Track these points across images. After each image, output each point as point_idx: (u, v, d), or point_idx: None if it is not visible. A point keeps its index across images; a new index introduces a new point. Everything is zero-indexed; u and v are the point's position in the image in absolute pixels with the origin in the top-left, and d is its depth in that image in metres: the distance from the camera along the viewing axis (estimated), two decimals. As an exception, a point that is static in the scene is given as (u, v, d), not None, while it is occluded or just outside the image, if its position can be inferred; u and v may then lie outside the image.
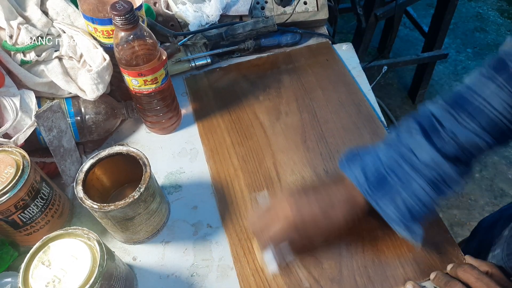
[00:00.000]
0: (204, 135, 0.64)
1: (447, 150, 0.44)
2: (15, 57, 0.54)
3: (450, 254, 0.50)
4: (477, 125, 0.44)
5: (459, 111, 0.44)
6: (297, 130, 0.64)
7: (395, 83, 1.98)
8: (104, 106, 0.60)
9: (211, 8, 0.73)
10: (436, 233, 0.52)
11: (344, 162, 0.48)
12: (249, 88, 0.71)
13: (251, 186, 0.57)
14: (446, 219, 1.46)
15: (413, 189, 0.44)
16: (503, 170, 1.62)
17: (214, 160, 0.61)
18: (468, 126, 0.44)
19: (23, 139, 0.52)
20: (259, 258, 0.50)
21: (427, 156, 0.44)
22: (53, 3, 0.57)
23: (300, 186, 0.55)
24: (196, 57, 0.73)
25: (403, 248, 0.50)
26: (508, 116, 0.43)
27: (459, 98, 0.45)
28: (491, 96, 0.43)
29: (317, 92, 0.69)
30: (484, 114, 0.43)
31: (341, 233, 0.50)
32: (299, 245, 0.48)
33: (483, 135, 0.44)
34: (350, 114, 0.65)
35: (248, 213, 0.55)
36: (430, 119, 0.45)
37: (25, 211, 0.46)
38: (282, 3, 0.78)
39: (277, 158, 0.60)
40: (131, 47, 0.51)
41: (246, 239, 0.52)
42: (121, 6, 0.47)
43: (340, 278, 0.48)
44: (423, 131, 0.45)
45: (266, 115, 0.66)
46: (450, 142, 0.44)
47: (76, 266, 0.38)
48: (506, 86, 0.43)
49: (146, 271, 0.51)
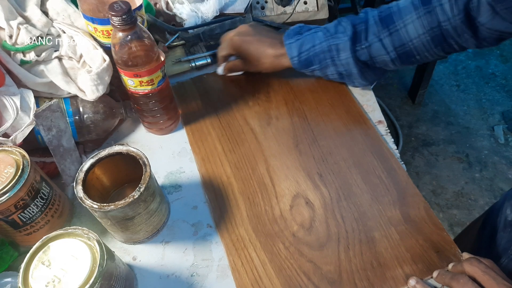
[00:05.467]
0: (195, 144, 0.63)
1: (360, 56, 0.61)
2: (15, 57, 0.54)
3: (447, 252, 0.50)
4: (390, 43, 0.58)
5: (383, 27, 0.58)
6: (288, 134, 0.63)
7: (395, 83, 1.98)
8: (102, 105, 0.60)
9: (208, 8, 0.73)
10: (432, 231, 0.52)
11: (290, 33, 0.64)
12: (238, 93, 0.70)
13: (245, 193, 0.57)
14: (446, 219, 1.47)
15: (328, 71, 0.64)
16: (503, 170, 1.62)
17: (206, 168, 0.60)
18: (384, 41, 0.58)
19: (21, 138, 0.52)
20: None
21: (345, 56, 0.61)
22: (53, 3, 0.57)
23: (257, 25, 0.70)
24: (196, 57, 0.73)
25: (400, 249, 0.50)
26: (415, 42, 0.57)
27: (388, 16, 0.58)
28: (409, 23, 0.57)
29: (307, 95, 0.69)
30: (399, 36, 0.58)
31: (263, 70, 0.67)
32: (241, 64, 0.68)
33: (392, 53, 0.59)
34: (341, 115, 0.65)
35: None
36: (362, 27, 0.60)
37: (25, 211, 0.46)
38: (282, 2, 0.78)
39: (270, 163, 0.60)
40: (129, 47, 0.51)
41: (243, 248, 0.52)
42: (118, 6, 0.47)
43: (340, 282, 0.48)
44: (352, 37, 0.59)
45: (256, 120, 0.65)
46: (365, 52, 0.60)
47: (76, 266, 0.38)
48: (422, 18, 0.56)
49: (146, 271, 0.51)
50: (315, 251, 0.51)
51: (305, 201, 0.55)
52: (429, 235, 0.51)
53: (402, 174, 0.57)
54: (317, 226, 0.53)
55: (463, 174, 1.62)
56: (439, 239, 0.51)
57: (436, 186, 1.59)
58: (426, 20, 0.56)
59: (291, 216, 0.54)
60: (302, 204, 0.55)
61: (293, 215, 0.54)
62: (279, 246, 0.52)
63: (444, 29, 0.56)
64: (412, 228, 0.52)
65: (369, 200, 0.55)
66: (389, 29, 0.58)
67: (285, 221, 0.54)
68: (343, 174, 0.58)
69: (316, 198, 0.56)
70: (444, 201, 1.53)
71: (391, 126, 1.77)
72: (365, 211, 0.54)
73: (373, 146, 0.61)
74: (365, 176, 0.58)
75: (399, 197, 0.55)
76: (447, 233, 0.52)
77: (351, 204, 0.55)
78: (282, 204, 0.55)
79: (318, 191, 0.56)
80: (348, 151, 0.60)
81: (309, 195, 0.56)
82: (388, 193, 0.56)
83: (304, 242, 0.52)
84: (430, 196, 1.54)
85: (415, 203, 0.54)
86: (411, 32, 0.57)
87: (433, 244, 0.51)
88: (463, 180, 1.60)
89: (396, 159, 0.59)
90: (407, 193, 0.55)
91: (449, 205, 1.52)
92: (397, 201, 0.55)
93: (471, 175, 1.61)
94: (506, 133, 1.74)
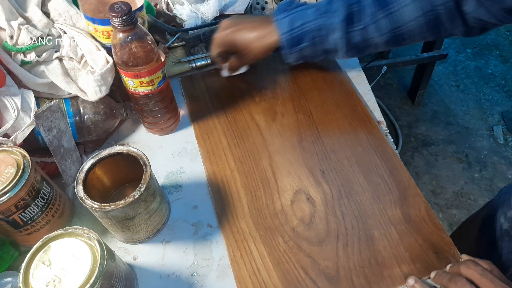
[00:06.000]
0: (200, 137, 0.64)
1: (352, 37, 0.59)
2: (16, 57, 0.54)
3: (446, 253, 0.50)
4: (386, 25, 0.57)
5: (379, 8, 0.57)
6: (293, 130, 0.64)
7: (395, 83, 1.98)
8: (103, 106, 0.60)
9: (208, 8, 0.73)
10: (432, 232, 0.52)
11: (280, 8, 0.63)
12: (245, 89, 0.71)
13: (248, 187, 0.57)
14: (445, 219, 1.47)
15: (316, 50, 0.62)
16: (502, 170, 1.62)
17: (211, 161, 0.61)
18: (379, 23, 0.57)
19: (21, 138, 0.52)
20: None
21: (336, 37, 0.59)
22: (55, 4, 0.57)
23: (239, 17, 0.69)
24: (196, 57, 0.73)
25: (399, 248, 0.51)
26: (410, 26, 0.56)
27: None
28: (406, 4, 0.55)
29: (313, 92, 0.69)
30: (395, 18, 0.56)
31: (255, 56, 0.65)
32: (236, 59, 0.67)
33: (385, 36, 0.58)
34: (346, 114, 0.66)
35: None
36: (355, 8, 0.58)
37: (26, 210, 0.47)
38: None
39: (274, 159, 0.60)
40: (129, 48, 0.51)
41: (243, 240, 0.52)
42: (119, 7, 0.47)
43: (337, 278, 0.48)
44: (346, 18, 0.58)
45: (262, 116, 0.66)
46: (358, 34, 0.59)
47: (76, 265, 0.38)
48: (419, 0, 0.55)
49: (147, 270, 0.51)
50: (314, 247, 0.51)
51: (306, 197, 0.56)
52: (428, 236, 0.52)
53: (405, 174, 0.58)
54: (317, 222, 0.53)
55: (462, 174, 1.62)
56: (438, 239, 0.51)
57: (436, 186, 1.59)
58: (423, 2, 0.55)
59: (292, 211, 0.55)
60: (303, 200, 0.56)
61: (293, 210, 0.55)
62: (279, 240, 0.52)
63: (439, 13, 0.55)
64: (412, 228, 0.52)
65: (370, 199, 0.55)
66: (384, 10, 0.56)
67: (285, 215, 0.54)
68: (345, 172, 0.58)
69: (318, 194, 0.56)
70: (443, 201, 1.53)
71: (391, 126, 1.77)
72: (365, 209, 0.54)
73: (376, 145, 0.61)
74: (367, 174, 0.58)
75: (401, 197, 0.55)
76: (446, 234, 0.52)
77: (352, 202, 0.55)
78: (284, 199, 0.56)
79: (320, 188, 0.57)
80: (352, 150, 0.61)
81: (311, 191, 0.56)
82: (390, 192, 0.56)
83: (304, 237, 0.52)
84: (430, 196, 1.55)
85: (416, 203, 0.55)
86: (408, 14, 0.56)
87: (432, 245, 0.51)
88: (463, 180, 1.60)
89: (399, 159, 0.60)
90: (409, 193, 0.56)
91: (449, 205, 1.52)
92: (398, 201, 0.55)
93: (470, 175, 1.62)
94: (505, 133, 1.74)
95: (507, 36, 2.20)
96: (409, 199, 0.55)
